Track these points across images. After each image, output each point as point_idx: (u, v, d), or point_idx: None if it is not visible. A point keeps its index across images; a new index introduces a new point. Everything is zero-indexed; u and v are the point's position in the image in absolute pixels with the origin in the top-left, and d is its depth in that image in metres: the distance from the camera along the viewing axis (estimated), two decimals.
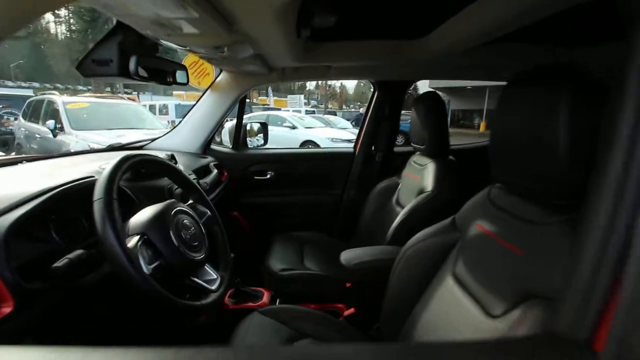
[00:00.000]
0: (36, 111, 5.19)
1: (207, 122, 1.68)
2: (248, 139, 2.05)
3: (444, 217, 0.90)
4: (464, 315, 0.69)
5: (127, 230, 0.66)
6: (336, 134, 8.24)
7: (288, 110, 14.01)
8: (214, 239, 0.91)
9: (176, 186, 1.01)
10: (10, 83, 21.23)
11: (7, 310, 0.51)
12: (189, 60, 2.28)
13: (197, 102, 1.68)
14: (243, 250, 1.72)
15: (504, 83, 0.67)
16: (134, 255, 0.58)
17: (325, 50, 1.33)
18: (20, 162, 1.02)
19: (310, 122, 9.26)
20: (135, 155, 0.73)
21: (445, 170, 1.25)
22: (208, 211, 0.90)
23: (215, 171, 1.56)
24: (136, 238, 0.63)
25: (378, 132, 1.84)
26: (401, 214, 1.23)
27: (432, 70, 1.69)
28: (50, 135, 4.46)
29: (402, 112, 1.88)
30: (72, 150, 3.75)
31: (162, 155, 1.18)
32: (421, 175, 1.32)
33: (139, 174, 0.94)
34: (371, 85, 1.87)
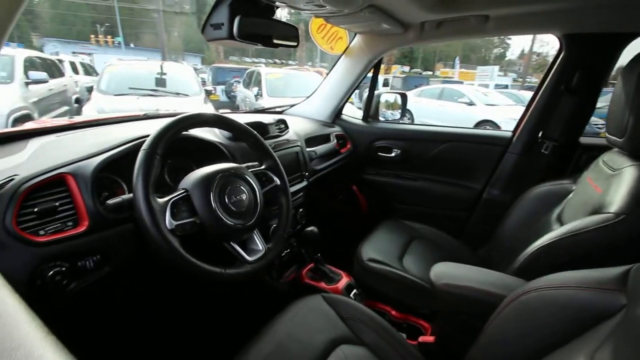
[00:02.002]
0: (250, 80, 6.70)
1: (338, 90, 1.63)
2: (390, 112, 1.89)
3: (618, 261, 0.54)
4: None
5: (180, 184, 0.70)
6: None
7: (472, 84, 12.33)
8: (279, 210, 0.88)
9: None
10: (247, 59, 28.63)
11: (83, 228, 0.65)
12: (316, 23, 2.24)
13: (331, 68, 1.65)
14: (350, 226, 1.65)
15: None
16: (159, 208, 0.61)
17: None
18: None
19: (494, 99, 7.82)
20: (198, 116, 0.75)
21: None
22: (278, 180, 0.87)
23: (333, 141, 1.52)
24: (177, 192, 0.66)
25: (554, 112, 1.27)
26: (550, 235, 0.82)
27: None
28: (254, 100, 5.70)
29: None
30: None
31: (269, 119, 1.22)
32: (607, 184, 0.83)
33: None
34: None
